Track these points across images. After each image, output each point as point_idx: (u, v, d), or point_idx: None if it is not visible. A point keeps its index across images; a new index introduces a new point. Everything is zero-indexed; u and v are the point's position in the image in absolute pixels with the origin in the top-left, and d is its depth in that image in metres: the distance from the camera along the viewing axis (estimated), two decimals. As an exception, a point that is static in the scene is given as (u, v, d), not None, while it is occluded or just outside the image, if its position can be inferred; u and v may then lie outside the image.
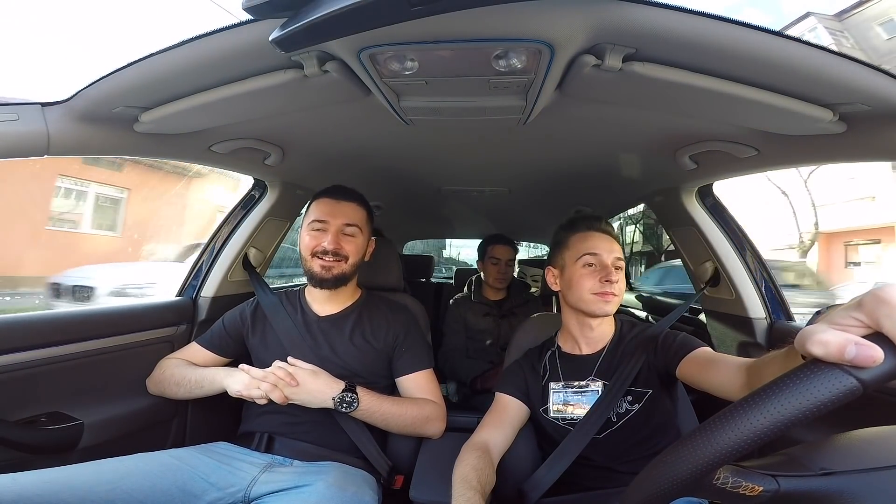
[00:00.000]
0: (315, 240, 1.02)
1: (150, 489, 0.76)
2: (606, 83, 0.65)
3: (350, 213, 1.06)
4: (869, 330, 0.31)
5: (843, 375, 0.29)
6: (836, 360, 0.30)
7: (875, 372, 0.29)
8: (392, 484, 1.00)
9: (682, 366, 0.83)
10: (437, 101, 0.73)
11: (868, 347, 0.29)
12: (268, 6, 0.46)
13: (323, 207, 1.04)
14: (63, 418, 0.93)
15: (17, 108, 0.70)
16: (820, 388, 0.29)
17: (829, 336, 0.30)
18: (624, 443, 0.88)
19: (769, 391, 0.31)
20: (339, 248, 1.02)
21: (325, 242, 1.01)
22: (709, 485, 0.34)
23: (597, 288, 0.92)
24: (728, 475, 0.34)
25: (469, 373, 1.83)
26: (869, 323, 0.31)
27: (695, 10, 0.50)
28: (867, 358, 0.29)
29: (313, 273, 1.02)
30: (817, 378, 0.30)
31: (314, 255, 1.02)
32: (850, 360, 0.29)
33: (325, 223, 1.03)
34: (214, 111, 0.76)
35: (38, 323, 0.93)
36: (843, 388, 0.29)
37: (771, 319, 1.19)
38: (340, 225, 1.03)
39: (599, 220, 0.99)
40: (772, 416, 0.30)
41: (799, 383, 0.30)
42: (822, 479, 0.33)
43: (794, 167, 0.94)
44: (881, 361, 0.29)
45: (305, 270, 1.05)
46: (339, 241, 1.03)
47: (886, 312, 0.29)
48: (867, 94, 0.59)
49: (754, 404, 0.31)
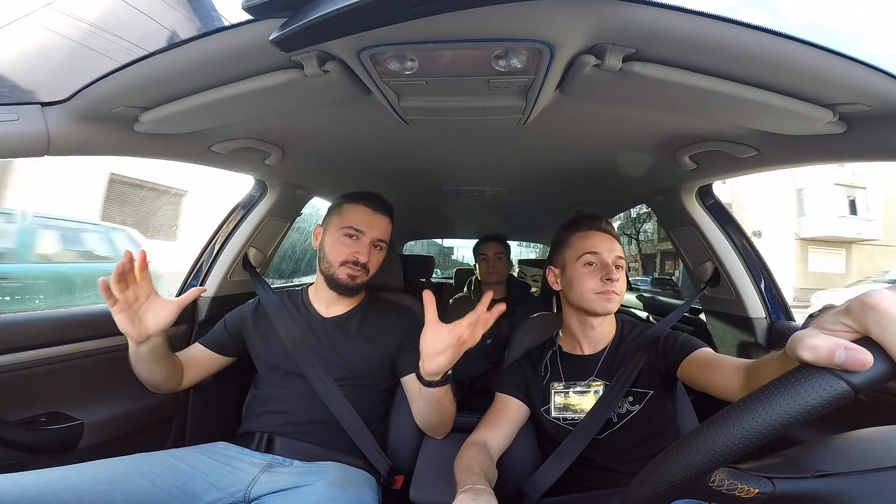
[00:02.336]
0: (349, 248, 1.01)
1: (150, 489, 0.76)
2: (606, 83, 0.64)
3: (384, 227, 1.06)
4: (858, 335, 0.31)
5: (834, 380, 0.29)
6: (826, 365, 0.30)
7: (865, 376, 0.29)
8: (392, 484, 1.00)
9: (683, 367, 0.83)
10: (437, 101, 0.73)
11: (858, 352, 0.29)
12: (268, 6, 0.46)
13: (361, 216, 1.03)
14: (63, 418, 0.94)
15: (17, 108, 0.70)
16: (811, 392, 0.30)
17: (818, 341, 0.31)
18: (624, 443, 0.88)
19: (760, 396, 0.32)
20: (368, 261, 1.02)
21: (360, 255, 1.01)
22: (705, 487, 0.34)
23: (598, 287, 0.92)
24: (724, 477, 0.34)
25: (469, 372, 1.83)
26: (857, 328, 0.31)
27: (695, 10, 0.50)
28: (857, 362, 0.29)
29: (338, 280, 1.01)
30: (808, 382, 0.30)
31: (344, 264, 1.01)
32: (839, 364, 0.29)
33: (361, 233, 1.02)
34: (214, 111, 0.76)
35: (38, 323, 0.93)
36: (835, 393, 0.29)
37: (771, 319, 1.19)
38: (375, 238, 1.04)
39: (600, 219, 1.00)
40: (763, 420, 0.30)
41: (790, 388, 0.30)
42: (818, 480, 0.33)
43: (794, 167, 0.94)
44: (871, 365, 0.29)
45: (327, 274, 1.03)
46: (370, 253, 1.03)
47: (874, 318, 0.29)
48: (867, 94, 0.59)
49: (746, 409, 0.32)
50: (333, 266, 1.02)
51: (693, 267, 1.35)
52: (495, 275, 2.04)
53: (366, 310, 1.10)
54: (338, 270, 1.01)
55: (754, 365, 0.64)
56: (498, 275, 2.05)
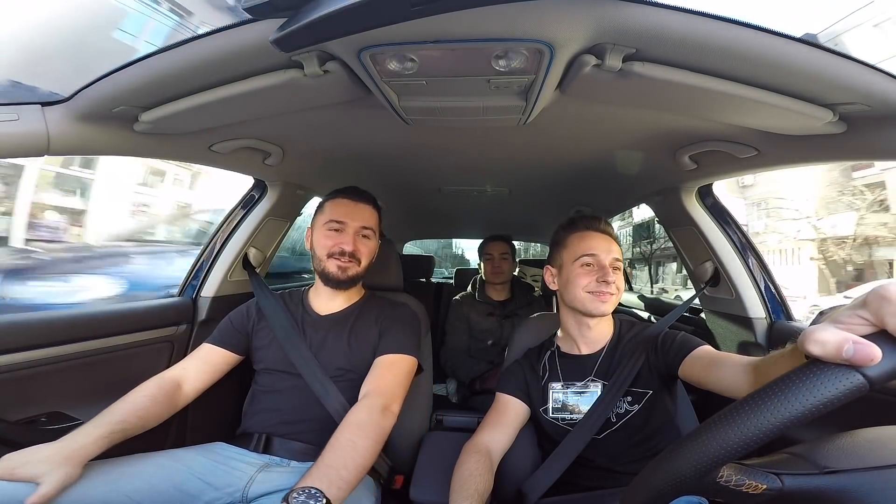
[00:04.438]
0: (332, 240, 1.02)
1: (147, 490, 0.76)
2: (606, 83, 0.65)
3: (367, 215, 1.07)
4: (874, 328, 0.31)
5: (851, 373, 0.29)
6: (834, 360, 0.30)
7: (881, 369, 0.29)
8: (392, 484, 1.00)
9: (685, 365, 0.82)
10: (437, 101, 0.73)
11: (866, 346, 0.29)
12: (268, 6, 0.46)
13: (341, 208, 1.05)
14: (63, 418, 0.94)
15: (17, 108, 0.70)
16: (827, 385, 0.29)
17: (827, 335, 0.30)
18: (623, 443, 0.88)
19: (775, 388, 0.31)
20: (356, 249, 1.03)
21: (344, 244, 1.01)
22: (712, 483, 0.34)
23: (593, 287, 0.92)
24: (731, 473, 0.33)
25: (469, 373, 1.83)
26: (874, 321, 0.30)
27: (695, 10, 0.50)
28: (865, 357, 0.29)
29: (329, 273, 1.02)
30: (824, 375, 0.30)
31: (331, 256, 1.02)
32: (847, 358, 0.29)
33: (343, 224, 1.03)
34: (214, 111, 0.76)
35: (38, 323, 0.93)
36: (850, 386, 0.29)
37: (771, 319, 1.19)
38: (358, 227, 1.04)
39: (598, 220, 0.99)
40: (779, 412, 0.30)
41: (806, 380, 0.30)
42: (825, 477, 0.33)
43: (794, 167, 0.94)
44: (879, 360, 0.28)
45: (318, 270, 1.05)
46: (356, 242, 1.03)
47: (891, 311, 0.29)
48: (867, 94, 0.59)
49: (760, 401, 0.31)
50: (323, 261, 1.03)
51: (693, 267, 1.35)
52: (500, 275, 2.03)
53: (362, 308, 1.10)
54: (327, 264, 1.02)
55: (762, 362, 0.63)
56: (503, 275, 2.03)
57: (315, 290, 1.12)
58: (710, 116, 0.76)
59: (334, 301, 1.09)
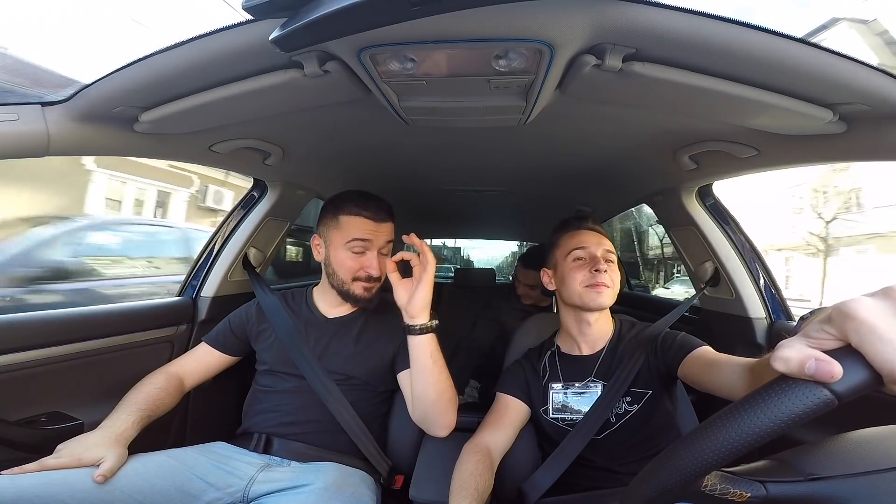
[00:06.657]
0: (357, 262, 0.99)
1: (148, 490, 0.76)
2: (606, 83, 0.64)
3: (388, 232, 1.04)
4: (841, 343, 0.31)
5: (818, 388, 0.29)
6: (798, 376, 0.30)
7: (847, 384, 0.29)
8: (392, 484, 1.00)
9: (684, 366, 0.83)
10: (437, 101, 0.73)
11: (827, 363, 0.29)
12: (268, 6, 0.46)
13: (365, 227, 0.99)
14: (63, 418, 0.94)
15: (17, 108, 0.70)
16: (795, 401, 0.30)
17: (791, 352, 0.31)
18: (623, 443, 0.88)
19: (745, 404, 0.32)
20: (381, 272, 1.00)
21: (371, 269, 0.98)
22: (697, 491, 0.34)
23: (588, 279, 0.93)
24: (716, 481, 0.34)
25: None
26: (839, 336, 0.31)
27: (695, 10, 0.50)
28: (826, 374, 0.29)
29: (355, 296, 1.00)
30: (791, 391, 0.30)
31: (356, 280, 0.99)
32: (809, 375, 0.29)
33: (368, 243, 0.99)
34: (214, 111, 0.76)
35: (38, 323, 0.93)
36: (817, 401, 0.29)
37: (771, 319, 1.19)
38: (381, 244, 1.01)
39: (586, 218, 1.04)
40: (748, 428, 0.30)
41: (774, 396, 0.30)
42: (810, 484, 0.33)
43: (794, 167, 0.93)
44: (840, 376, 0.29)
45: (339, 289, 1.01)
46: (380, 262, 1.00)
47: (852, 327, 0.29)
48: (867, 94, 0.59)
49: (731, 417, 0.32)
50: (346, 283, 1.00)
51: (693, 267, 1.35)
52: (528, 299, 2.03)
53: (368, 311, 1.09)
54: (352, 286, 1.00)
55: (757, 364, 0.64)
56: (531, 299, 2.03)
57: (321, 291, 1.10)
58: (710, 116, 0.76)
59: (342, 306, 1.07)
